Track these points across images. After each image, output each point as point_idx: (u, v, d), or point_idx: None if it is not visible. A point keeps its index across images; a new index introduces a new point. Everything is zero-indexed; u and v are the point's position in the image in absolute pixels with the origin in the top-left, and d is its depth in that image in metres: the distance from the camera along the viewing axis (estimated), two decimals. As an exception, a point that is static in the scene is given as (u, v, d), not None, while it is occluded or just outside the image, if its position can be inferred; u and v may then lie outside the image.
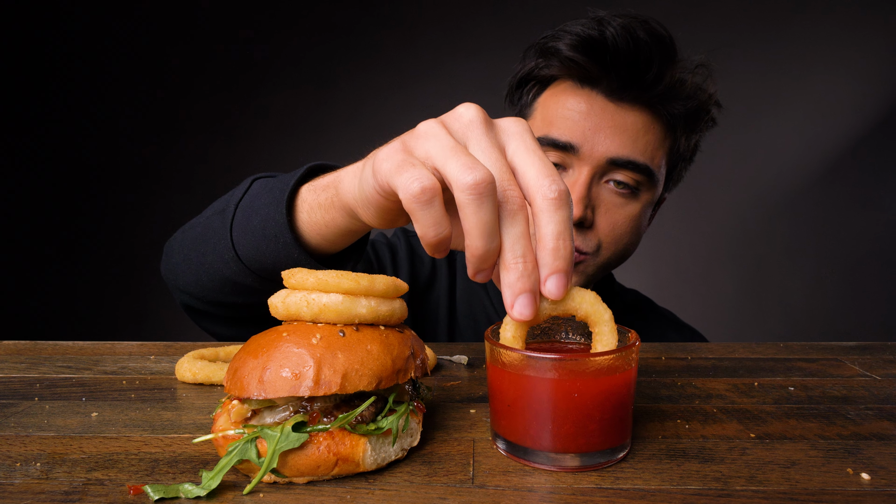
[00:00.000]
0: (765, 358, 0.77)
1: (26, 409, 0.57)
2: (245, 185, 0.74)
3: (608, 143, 0.87)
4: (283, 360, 0.42)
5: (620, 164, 0.87)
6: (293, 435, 0.41)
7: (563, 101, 0.90)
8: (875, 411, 0.57)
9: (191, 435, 0.51)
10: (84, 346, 0.81)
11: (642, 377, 0.68)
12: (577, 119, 0.88)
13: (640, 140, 0.88)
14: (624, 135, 0.87)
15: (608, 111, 0.87)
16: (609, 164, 0.87)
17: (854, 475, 0.43)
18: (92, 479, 0.42)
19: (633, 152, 0.87)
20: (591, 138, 0.87)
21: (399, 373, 0.46)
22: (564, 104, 0.90)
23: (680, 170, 1.00)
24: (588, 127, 0.87)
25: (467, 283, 1.11)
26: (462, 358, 0.76)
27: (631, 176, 0.89)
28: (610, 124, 0.87)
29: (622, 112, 0.87)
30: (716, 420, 0.55)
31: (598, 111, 0.87)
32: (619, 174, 0.89)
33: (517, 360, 0.44)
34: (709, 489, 0.41)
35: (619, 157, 0.87)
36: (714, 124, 0.99)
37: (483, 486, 0.42)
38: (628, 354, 0.44)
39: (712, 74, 0.92)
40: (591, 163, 0.87)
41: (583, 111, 0.88)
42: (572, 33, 0.86)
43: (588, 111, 0.88)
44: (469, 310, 1.09)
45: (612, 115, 0.87)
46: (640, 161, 0.88)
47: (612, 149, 0.87)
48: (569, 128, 0.88)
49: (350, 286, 0.45)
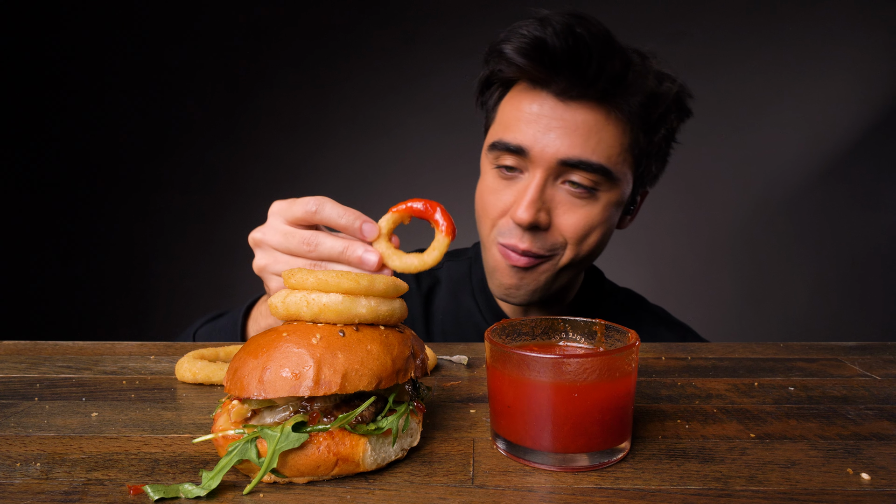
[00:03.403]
0: (765, 358, 0.77)
1: (26, 409, 0.57)
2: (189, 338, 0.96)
3: (558, 144, 0.86)
4: (283, 360, 0.42)
5: (573, 165, 0.86)
6: (293, 435, 0.41)
7: (517, 104, 0.90)
8: (875, 411, 0.57)
9: (191, 435, 0.51)
10: (84, 346, 0.81)
11: (642, 377, 0.68)
12: (529, 121, 0.88)
13: (593, 139, 0.86)
14: (574, 134, 0.86)
15: (558, 111, 0.87)
16: (561, 165, 0.86)
17: (854, 475, 0.43)
18: (92, 479, 0.42)
19: (585, 152, 0.86)
20: (541, 140, 0.86)
21: (399, 373, 0.46)
22: (518, 107, 0.90)
23: (650, 165, 0.97)
24: (539, 129, 0.87)
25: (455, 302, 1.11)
26: (462, 358, 0.76)
27: (586, 176, 0.87)
28: (560, 125, 0.86)
29: (572, 111, 0.86)
30: (716, 420, 0.55)
31: (548, 112, 0.87)
32: (574, 175, 0.87)
33: (517, 361, 0.44)
34: (709, 489, 0.41)
35: (569, 158, 0.86)
36: (687, 115, 0.97)
37: (483, 486, 0.42)
38: (628, 355, 0.44)
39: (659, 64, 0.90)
40: (542, 165, 0.87)
41: (534, 113, 0.88)
42: (517, 35, 0.85)
43: (539, 113, 0.87)
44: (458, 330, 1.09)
45: (561, 115, 0.86)
46: (594, 161, 0.86)
47: (562, 150, 0.86)
48: (520, 130, 0.88)
49: (350, 286, 0.45)
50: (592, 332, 0.54)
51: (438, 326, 1.10)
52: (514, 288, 0.93)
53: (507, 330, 0.53)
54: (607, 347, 0.52)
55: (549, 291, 0.95)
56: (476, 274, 1.11)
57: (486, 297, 1.08)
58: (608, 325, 0.52)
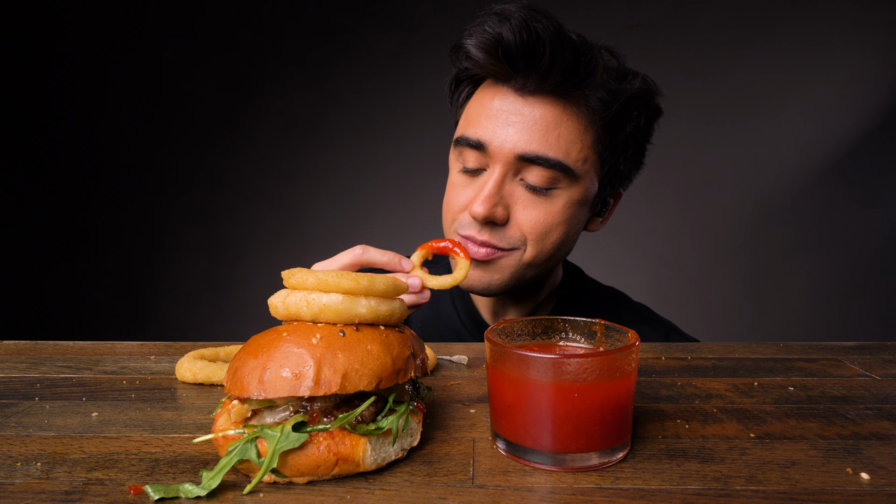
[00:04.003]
0: (765, 358, 0.77)
1: (27, 408, 0.57)
2: None
3: (515, 139, 0.86)
4: (283, 360, 0.42)
5: (530, 160, 0.86)
6: (293, 435, 0.41)
7: (481, 100, 0.91)
8: (875, 411, 0.57)
9: (191, 435, 0.51)
10: (84, 346, 0.81)
11: (642, 377, 0.68)
12: (490, 116, 0.88)
13: (552, 134, 0.86)
14: (532, 129, 0.86)
15: (517, 106, 0.87)
16: (519, 160, 0.86)
17: (853, 475, 0.43)
18: (92, 479, 0.43)
19: (542, 147, 0.85)
20: (499, 134, 0.87)
21: (399, 373, 0.46)
22: (481, 103, 0.91)
23: (617, 164, 0.96)
24: (498, 124, 0.87)
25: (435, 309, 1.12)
26: (462, 358, 0.76)
27: (544, 173, 0.87)
28: (518, 119, 0.86)
29: (531, 106, 0.86)
30: (716, 420, 0.55)
31: (508, 107, 0.87)
32: (532, 170, 0.87)
33: (517, 361, 0.44)
34: (709, 489, 0.41)
35: (527, 153, 0.85)
36: (657, 114, 0.96)
37: (483, 486, 0.42)
38: (628, 355, 0.45)
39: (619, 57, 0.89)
40: (500, 160, 0.87)
41: (494, 108, 0.88)
42: (477, 31, 0.85)
43: (499, 108, 0.88)
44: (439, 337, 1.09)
45: (520, 110, 0.86)
46: (551, 156, 0.85)
47: (519, 144, 0.85)
48: (481, 125, 0.88)
49: (350, 286, 0.45)
50: (592, 332, 0.54)
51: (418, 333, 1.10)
52: (476, 280, 0.93)
53: (506, 330, 0.53)
54: (607, 347, 0.52)
55: (517, 286, 0.95)
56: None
57: (465, 303, 1.08)
58: (608, 325, 0.52)
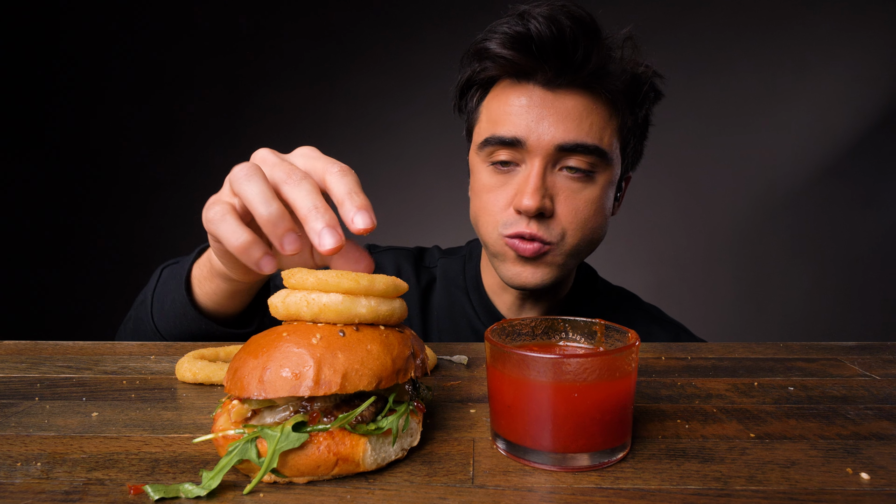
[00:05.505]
0: (765, 358, 0.77)
1: (27, 408, 0.57)
2: (156, 276, 0.90)
3: (553, 131, 0.88)
4: (283, 360, 0.42)
5: (569, 149, 0.88)
6: (293, 435, 0.41)
7: (505, 100, 0.92)
8: (875, 411, 0.57)
9: (191, 435, 0.51)
10: (84, 346, 0.81)
11: (642, 377, 0.68)
12: (520, 113, 0.89)
13: (585, 122, 0.88)
14: (567, 120, 0.88)
15: (548, 100, 0.89)
16: (558, 150, 0.88)
17: (854, 475, 0.43)
18: (92, 479, 0.43)
19: (580, 135, 0.88)
20: (535, 129, 0.88)
21: (399, 373, 0.46)
22: (506, 102, 0.92)
23: (634, 146, 1.00)
24: (531, 119, 0.88)
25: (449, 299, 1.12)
26: (462, 358, 0.76)
27: (583, 159, 0.89)
28: (552, 112, 0.88)
29: (561, 99, 0.88)
30: (716, 420, 0.55)
31: (539, 102, 0.89)
32: (571, 159, 0.90)
33: (517, 361, 0.44)
34: (709, 489, 0.41)
35: (566, 143, 0.88)
36: (659, 97, 1.00)
37: (483, 486, 0.42)
38: (628, 355, 0.45)
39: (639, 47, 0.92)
40: (540, 153, 0.89)
41: (524, 105, 0.90)
42: (500, 32, 0.88)
43: (529, 104, 0.89)
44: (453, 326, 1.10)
45: (552, 104, 0.88)
46: (589, 142, 0.88)
47: (557, 135, 0.87)
48: (513, 123, 0.90)
49: (350, 286, 0.45)
50: (592, 332, 0.54)
51: (435, 324, 1.11)
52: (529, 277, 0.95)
53: (506, 330, 0.53)
54: (607, 347, 0.52)
55: (564, 276, 0.97)
56: (469, 271, 1.12)
57: (480, 295, 1.09)
58: (608, 325, 0.52)
